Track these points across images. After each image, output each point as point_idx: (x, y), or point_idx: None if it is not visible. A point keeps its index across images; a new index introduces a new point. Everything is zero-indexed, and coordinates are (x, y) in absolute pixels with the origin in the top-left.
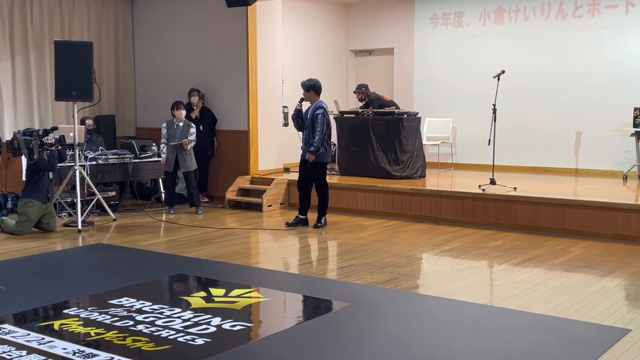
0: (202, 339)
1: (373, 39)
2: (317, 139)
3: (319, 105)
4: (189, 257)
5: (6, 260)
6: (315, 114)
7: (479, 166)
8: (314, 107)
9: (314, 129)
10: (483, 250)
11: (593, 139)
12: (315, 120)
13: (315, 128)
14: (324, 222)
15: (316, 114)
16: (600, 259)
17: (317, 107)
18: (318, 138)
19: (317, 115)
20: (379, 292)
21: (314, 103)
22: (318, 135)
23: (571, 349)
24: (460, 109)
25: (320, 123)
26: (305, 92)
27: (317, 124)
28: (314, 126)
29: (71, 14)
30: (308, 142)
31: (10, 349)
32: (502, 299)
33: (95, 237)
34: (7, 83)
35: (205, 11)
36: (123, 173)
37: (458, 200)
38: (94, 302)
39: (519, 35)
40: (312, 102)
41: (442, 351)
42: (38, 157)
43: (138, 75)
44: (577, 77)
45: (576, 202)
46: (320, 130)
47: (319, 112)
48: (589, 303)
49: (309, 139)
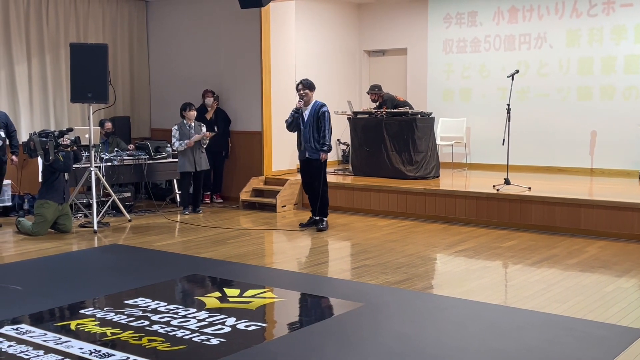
0: (217, 339)
1: (386, 39)
2: (328, 137)
3: (322, 104)
4: (203, 258)
5: (23, 261)
6: (322, 111)
7: (493, 166)
8: (315, 105)
9: (319, 128)
10: (497, 250)
11: (608, 139)
12: (321, 118)
13: (321, 126)
14: (325, 225)
15: (322, 112)
16: (616, 259)
17: (320, 105)
18: (329, 136)
19: (323, 113)
20: (393, 293)
21: (311, 102)
22: (328, 133)
23: (587, 349)
24: (474, 109)
25: (327, 121)
26: (310, 91)
27: (324, 122)
28: (318, 125)
29: (86, 16)
30: (308, 140)
31: (27, 349)
32: (517, 299)
33: (110, 238)
34: (23, 85)
35: (219, 13)
36: (138, 174)
37: (472, 200)
38: (109, 303)
39: (533, 34)
40: (310, 101)
41: (456, 351)
42: (54, 158)
43: (152, 77)
44: (591, 76)
45: (591, 202)
46: (329, 129)
47: (325, 110)
48: (605, 303)
49: (309, 137)
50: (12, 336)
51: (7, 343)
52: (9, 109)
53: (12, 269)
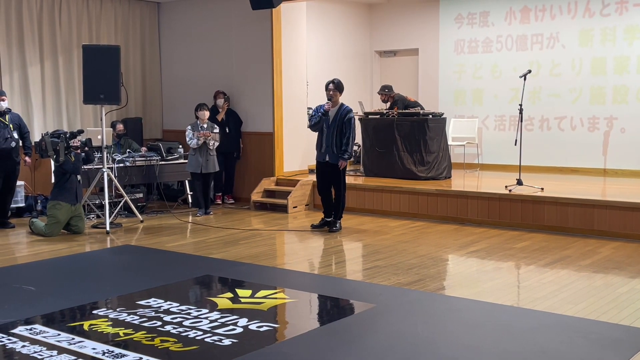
0: (229, 339)
1: (397, 40)
2: (351, 145)
3: (349, 109)
4: (215, 259)
5: (36, 262)
6: (348, 117)
7: (505, 167)
8: (342, 109)
9: (344, 133)
10: (510, 251)
11: (621, 139)
12: (346, 124)
13: (346, 132)
14: (339, 227)
15: (349, 118)
16: (629, 260)
17: (347, 110)
18: (352, 144)
19: (349, 119)
20: (404, 294)
21: (338, 104)
22: (352, 141)
23: (600, 350)
24: (486, 109)
25: (353, 128)
26: (339, 93)
27: (349, 129)
28: (343, 130)
29: (99, 18)
30: (330, 144)
31: (41, 349)
32: (530, 300)
33: (123, 239)
34: (36, 87)
35: (230, 14)
36: (150, 175)
37: (484, 201)
38: (122, 303)
39: (546, 34)
40: (337, 103)
41: (469, 353)
42: (64, 159)
43: (164, 78)
44: (604, 76)
45: (605, 202)
46: (353, 136)
47: (352, 116)
48: (619, 305)
49: (330, 142)
50: (25, 336)
51: (21, 343)
52: (22, 111)
53: (25, 269)
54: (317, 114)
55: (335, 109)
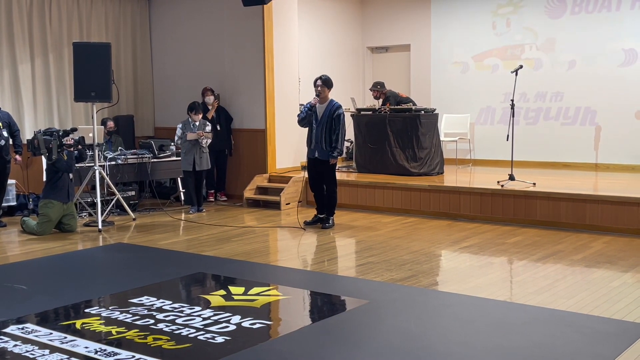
0: (222, 337)
1: (389, 36)
2: (340, 142)
3: (338, 105)
4: (208, 256)
5: (28, 261)
6: (337, 113)
7: (497, 162)
8: (331, 105)
9: (333, 130)
10: (502, 246)
11: (613, 134)
12: (336, 120)
13: (335, 129)
14: (331, 223)
15: (338, 114)
16: (621, 255)
17: (337, 106)
18: (341, 141)
19: (339, 115)
20: (398, 290)
21: (327, 100)
22: (341, 137)
23: (593, 345)
24: (478, 105)
25: (342, 124)
26: (327, 89)
27: (339, 125)
28: (332, 126)
29: (89, 15)
30: (319, 140)
31: (33, 348)
32: (523, 295)
33: (115, 237)
34: (27, 85)
35: (222, 10)
36: (142, 173)
37: (477, 196)
38: (115, 301)
39: (536, 29)
40: (326, 99)
41: (462, 348)
42: (57, 157)
43: (156, 75)
44: (596, 71)
45: (596, 197)
46: (342, 133)
47: (341, 112)
48: (611, 299)
49: (320, 138)
50: (17, 335)
51: (13, 342)
52: (12, 109)
53: (17, 268)
54: (304, 110)
55: (325, 105)
